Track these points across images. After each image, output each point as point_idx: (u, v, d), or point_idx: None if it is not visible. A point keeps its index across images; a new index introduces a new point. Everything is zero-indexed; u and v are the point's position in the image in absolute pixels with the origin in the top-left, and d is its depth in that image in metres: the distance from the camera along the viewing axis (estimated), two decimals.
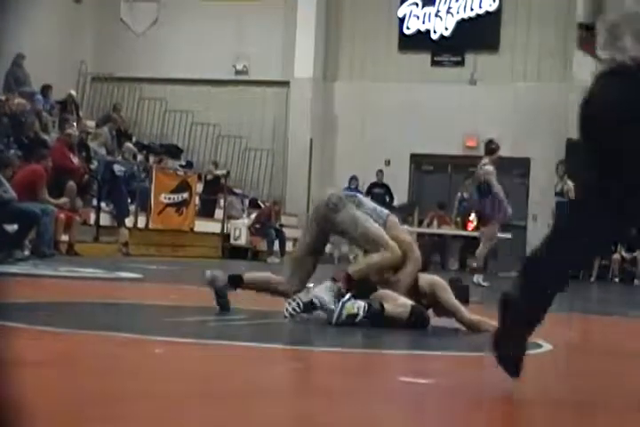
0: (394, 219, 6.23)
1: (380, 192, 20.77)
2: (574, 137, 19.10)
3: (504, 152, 21.45)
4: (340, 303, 5.62)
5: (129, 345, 4.40)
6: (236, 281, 5.98)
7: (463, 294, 6.22)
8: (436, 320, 5.94)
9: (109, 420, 2.60)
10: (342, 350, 4.90)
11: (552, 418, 3.21)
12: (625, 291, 15.64)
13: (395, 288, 5.95)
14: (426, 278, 6.15)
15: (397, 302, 5.79)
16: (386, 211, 6.25)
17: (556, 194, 14.56)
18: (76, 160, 15.52)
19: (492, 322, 6.09)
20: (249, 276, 6.11)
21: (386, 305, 5.72)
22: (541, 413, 3.31)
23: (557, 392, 3.84)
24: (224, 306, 5.94)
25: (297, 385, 3.62)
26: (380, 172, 21.09)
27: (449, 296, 6.03)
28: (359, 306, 5.65)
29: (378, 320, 5.64)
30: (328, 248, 7.25)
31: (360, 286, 5.84)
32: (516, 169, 21.66)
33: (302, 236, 6.27)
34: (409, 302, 5.81)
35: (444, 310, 6.06)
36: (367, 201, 6.26)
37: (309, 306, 5.79)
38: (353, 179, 20.92)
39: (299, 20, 22.62)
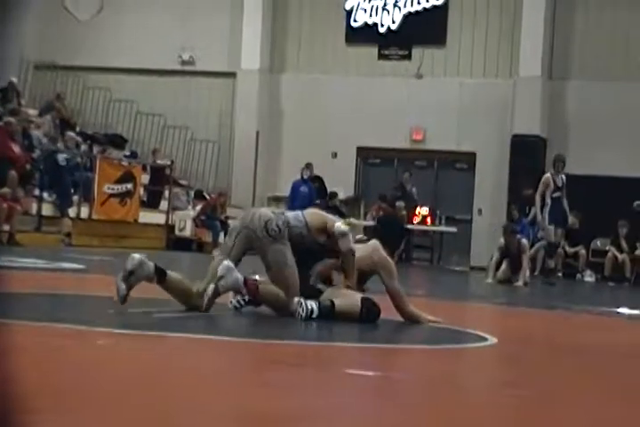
0: (307, 213, 6.08)
1: (316, 186, 20.58)
2: (520, 132, 19.59)
3: (449, 146, 21.66)
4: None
5: (71, 336, 4.33)
6: (161, 274, 5.62)
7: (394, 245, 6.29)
8: (386, 313, 5.94)
9: (51, 412, 2.54)
10: (288, 342, 4.87)
11: (497, 408, 3.20)
12: (568, 285, 15.80)
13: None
14: (376, 257, 6.06)
15: (347, 297, 5.78)
16: (299, 213, 6.08)
17: (558, 189, 14.70)
18: (17, 149, 15.30)
19: (429, 317, 6.11)
20: (172, 273, 5.74)
21: (336, 301, 5.72)
22: (487, 404, 3.30)
23: (502, 384, 3.85)
24: (124, 298, 5.45)
25: (240, 377, 3.58)
26: (310, 165, 20.37)
27: (395, 284, 6.02)
28: (311, 305, 5.65)
29: (330, 317, 5.64)
30: None
31: (307, 292, 5.82)
32: (462, 163, 21.78)
33: (228, 240, 6.00)
34: (358, 295, 5.81)
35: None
36: (290, 213, 6.07)
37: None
38: (305, 168, 20.27)
39: (245, 11, 22.52)
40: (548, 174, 14.92)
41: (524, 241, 14.56)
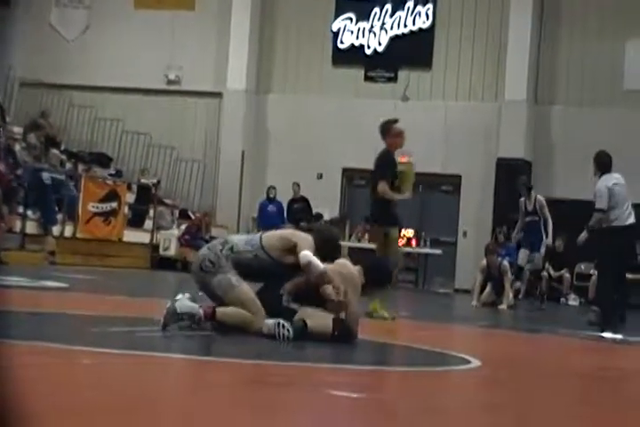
0: (266, 236, 6.16)
1: (299, 207, 20.76)
2: (505, 155, 19.44)
3: (435, 168, 21.69)
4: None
5: (55, 355, 4.31)
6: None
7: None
8: (364, 335, 5.93)
9: None
10: (270, 362, 4.85)
11: None
12: (552, 309, 15.80)
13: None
14: (345, 271, 6.09)
15: (318, 318, 5.81)
16: (257, 236, 6.21)
17: (528, 213, 14.57)
18: (2, 166, 15.26)
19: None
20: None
21: (308, 321, 5.74)
22: (469, 425, 3.30)
23: (484, 407, 3.84)
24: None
25: (221, 398, 3.56)
26: (297, 185, 20.96)
27: (355, 302, 6.06)
28: (284, 325, 5.66)
29: (303, 337, 5.64)
30: None
31: (283, 312, 5.82)
32: (447, 186, 21.82)
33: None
34: (329, 316, 5.84)
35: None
36: (237, 237, 6.27)
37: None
38: (271, 188, 20.99)
39: (232, 32, 22.57)
40: (521, 199, 14.81)
41: (505, 263, 14.57)
